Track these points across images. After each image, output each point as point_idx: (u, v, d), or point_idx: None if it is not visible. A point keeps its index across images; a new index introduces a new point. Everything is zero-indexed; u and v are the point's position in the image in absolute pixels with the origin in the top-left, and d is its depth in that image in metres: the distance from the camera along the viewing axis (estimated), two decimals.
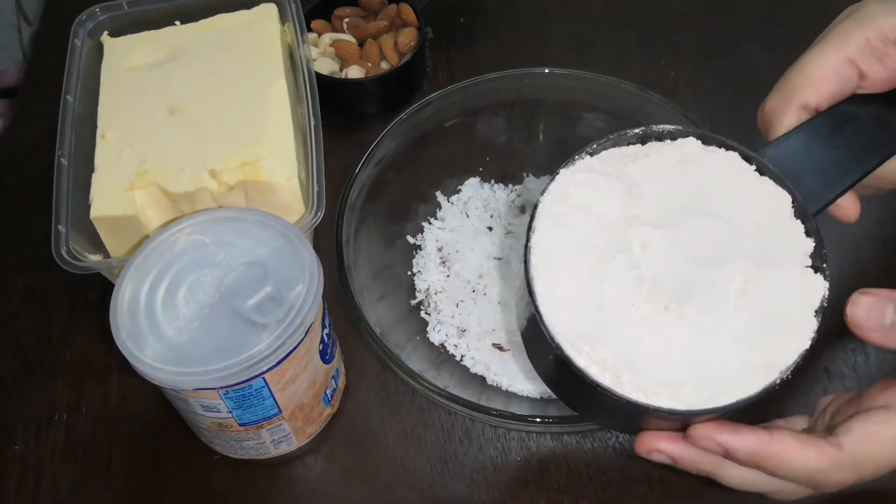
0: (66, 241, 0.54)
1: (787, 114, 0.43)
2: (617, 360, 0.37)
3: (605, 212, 0.41)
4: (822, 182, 0.42)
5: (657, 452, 0.40)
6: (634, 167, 0.42)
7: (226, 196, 0.56)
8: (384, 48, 0.72)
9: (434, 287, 0.61)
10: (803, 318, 0.38)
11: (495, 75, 0.62)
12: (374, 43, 0.72)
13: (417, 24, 0.72)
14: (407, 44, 0.71)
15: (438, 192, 0.65)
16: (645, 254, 0.39)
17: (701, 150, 0.42)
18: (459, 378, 0.56)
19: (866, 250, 0.62)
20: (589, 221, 0.40)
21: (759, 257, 0.40)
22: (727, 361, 0.38)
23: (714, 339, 0.38)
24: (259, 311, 0.46)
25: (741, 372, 0.37)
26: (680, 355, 0.38)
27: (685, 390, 0.37)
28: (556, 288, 0.39)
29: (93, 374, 0.59)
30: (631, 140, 0.43)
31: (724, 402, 0.37)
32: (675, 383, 0.37)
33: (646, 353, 0.38)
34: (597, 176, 0.41)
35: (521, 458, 0.55)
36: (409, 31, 0.72)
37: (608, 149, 0.42)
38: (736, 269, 0.39)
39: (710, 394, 0.37)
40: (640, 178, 0.41)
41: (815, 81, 0.42)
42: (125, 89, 0.61)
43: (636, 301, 0.39)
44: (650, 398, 0.37)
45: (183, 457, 0.56)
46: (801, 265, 0.40)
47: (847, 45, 0.42)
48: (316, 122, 0.58)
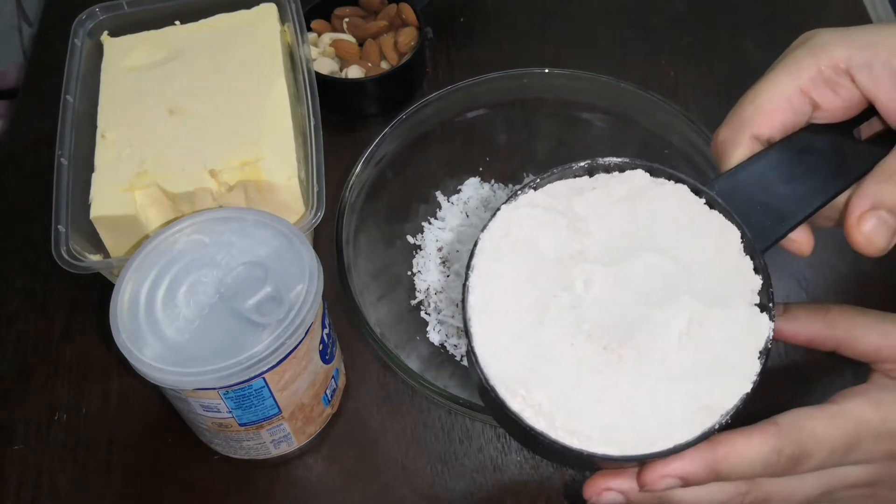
0: (65, 241, 0.54)
1: (738, 145, 0.41)
2: (552, 404, 0.36)
3: (547, 248, 0.39)
4: (774, 216, 0.40)
5: (607, 492, 0.39)
6: (580, 201, 0.41)
7: (226, 196, 0.56)
8: (384, 48, 0.72)
9: (434, 287, 0.61)
10: (747, 359, 0.37)
11: (495, 75, 0.62)
12: (374, 43, 0.72)
13: (417, 24, 0.72)
14: (407, 44, 0.71)
15: (438, 192, 0.65)
16: (588, 291, 0.39)
17: (649, 182, 0.41)
18: (459, 378, 0.56)
19: None
20: (531, 258, 0.39)
21: (705, 295, 0.39)
22: (666, 404, 0.37)
23: (653, 382, 0.37)
24: (259, 311, 0.46)
25: (680, 415, 0.37)
26: (618, 398, 0.37)
27: (621, 435, 0.36)
28: (494, 328, 0.38)
29: (93, 374, 0.60)
30: (577, 173, 0.41)
31: (661, 447, 0.36)
32: (612, 427, 0.36)
33: (583, 396, 0.37)
34: (540, 211, 0.40)
35: (521, 458, 0.55)
36: (409, 31, 0.72)
37: (553, 182, 0.41)
38: (681, 308, 0.38)
39: (647, 438, 0.36)
40: (586, 212, 0.40)
41: (768, 112, 0.41)
42: (125, 89, 0.61)
43: (576, 341, 0.38)
44: (583, 443, 0.36)
45: (183, 457, 0.56)
46: (748, 304, 0.39)
47: (800, 75, 0.41)
48: (316, 122, 0.58)
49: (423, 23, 0.72)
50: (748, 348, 0.38)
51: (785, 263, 0.62)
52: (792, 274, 0.62)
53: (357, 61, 0.72)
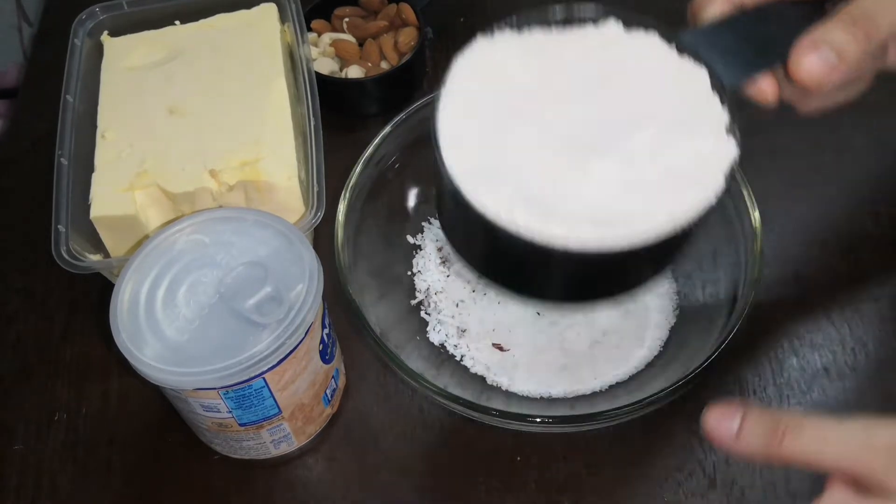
0: (65, 240, 0.54)
1: (713, 2, 0.43)
2: (513, 198, 0.37)
3: (519, 78, 0.41)
4: (741, 62, 0.42)
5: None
6: (554, 45, 0.42)
7: (226, 196, 0.56)
8: (384, 48, 0.72)
9: (434, 287, 0.61)
10: (712, 177, 0.38)
11: None
12: (374, 43, 0.72)
13: (417, 24, 0.72)
14: (407, 44, 0.71)
15: None
16: (556, 115, 0.40)
17: (622, 33, 0.43)
18: (459, 378, 0.56)
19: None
20: (502, 85, 0.41)
21: (673, 124, 0.40)
22: (629, 207, 0.37)
23: (618, 187, 0.38)
24: (259, 311, 0.46)
25: (642, 217, 0.37)
26: (581, 199, 0.37)
27: (582, 229, 0.37)
28: (462, 134, 0.39)
29: (93, 374, 0.60)
30: (553, 20, 0.43)
31: (621, 239, 0.37)
32: (575, 222, 0.37)
33: (545, 195, 0.37)
34: (515, 47, 0.42)
35: (521, 457, 0.55)
36: (409, 31, 0.72)
37: (531, 25, 0.43)
38: (648, 132, 0.39)
39: (609, 232, 0.37)
40: (559, 53, 0.42)
41: None
42: (125, 89, 0.61)
43: (542, 150, 0.39)
44: (545, 236, 0.36)
45: (183, 457, 0.56)
46: (715, 132, 0.40)
47: None
48: (316, 122, 0.58)
49: (423, 23, 0.72)
50: (713, 168, 0.39)
51: (785, 263, 0.62)
52: (791, 273, 0.62)
53: (357, 61, 0.72)
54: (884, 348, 0.58)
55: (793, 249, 0.63)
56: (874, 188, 0.66)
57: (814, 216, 0.65)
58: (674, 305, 0.58)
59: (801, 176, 0.66)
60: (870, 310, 0.60)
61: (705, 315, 0.55)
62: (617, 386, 0.55)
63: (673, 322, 0.58)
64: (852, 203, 0.65)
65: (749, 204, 0.54)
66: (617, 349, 0.57)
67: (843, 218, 0.64)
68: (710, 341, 0.52)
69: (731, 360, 0.58)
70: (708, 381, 0.57)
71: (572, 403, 0.55)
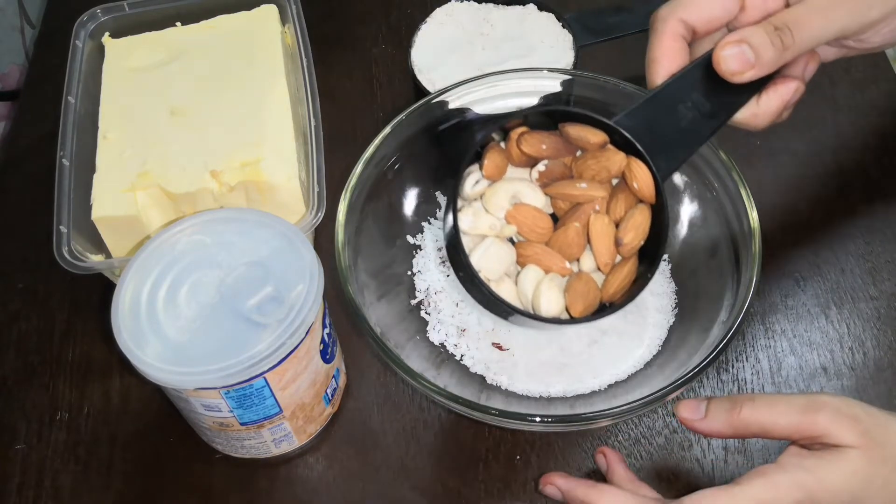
0: (67, 241, 0.54)
1: (668, 22, 0.49)
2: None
3: (467, 25, 0.68)
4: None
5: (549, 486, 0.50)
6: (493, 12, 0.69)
7: (227, 196, 0.56)
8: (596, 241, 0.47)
9: (434, 287, 0.61)
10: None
11: (496, 74, 0.62)
12: (579, 228, 0.47)
13: (656, 195, 0.48)
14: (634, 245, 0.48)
15: (438, 192, 0.65)
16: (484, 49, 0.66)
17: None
18: (459, 377, 0.57)
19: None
20: (457, 29, 0.67)
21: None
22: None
23: None
24: (260, 311, 0.46)
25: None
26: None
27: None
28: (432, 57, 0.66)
29: (94, 374, 0.60)
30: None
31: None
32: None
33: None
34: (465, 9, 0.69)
35: (521, 457, 0.55)
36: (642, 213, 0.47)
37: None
38: None
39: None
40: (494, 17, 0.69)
41: (699, 1, 0.48)
42: (126, 90, 0.61)
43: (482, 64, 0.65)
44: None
45: (184, 456, 0.56)
46: None
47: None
48: (316, 122, 0.59)
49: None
50: None
51: (784, 263, 0.62)
52: (790, 274, 0.62)
53: (538, 257, 0.44)
54: (881, 348, 0.58)
55: (791, 249, 0.63)
56: (873, 188, 0.66)
57: (812, 216, 0.65)
58: (672, 305, 0.58)
59: (800, 176, 0.66)
60: (868, 309, 0.60)
61: (704, 314, 0.55)
62: (616, 385, 0.56)
63: (672, 321, 0.58)
64: (851, 203, 0.65)
65: (748, 204, 0.54)
66: (616, 348, 0.57)
67: (841, 217, 0.65)
68: (708, 341, 0.52)
69: (729, 359, 0.58)
70: (706, 381, 0.58)
71: (571, 403, 0.55)
